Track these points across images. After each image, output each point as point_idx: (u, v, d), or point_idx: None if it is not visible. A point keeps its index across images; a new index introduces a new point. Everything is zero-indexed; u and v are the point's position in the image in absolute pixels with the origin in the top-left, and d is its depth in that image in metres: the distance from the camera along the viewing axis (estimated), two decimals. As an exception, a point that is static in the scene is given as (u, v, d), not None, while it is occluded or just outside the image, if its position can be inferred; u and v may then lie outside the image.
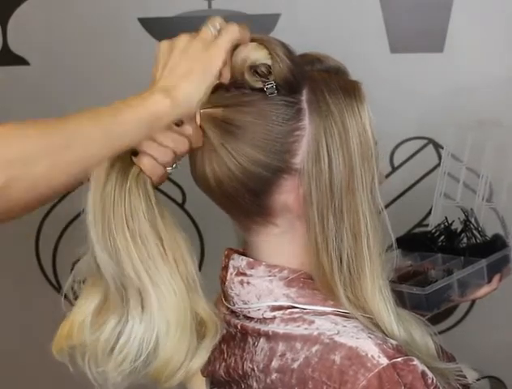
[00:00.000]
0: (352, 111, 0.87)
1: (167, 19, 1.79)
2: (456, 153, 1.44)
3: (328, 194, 0.86)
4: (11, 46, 1.82)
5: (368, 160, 0.87)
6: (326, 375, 0.82)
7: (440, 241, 1.28)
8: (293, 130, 0.86)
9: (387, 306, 0.88)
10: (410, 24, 1.76)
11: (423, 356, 0.87)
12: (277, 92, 0.85)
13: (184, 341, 0.83)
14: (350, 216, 0.86)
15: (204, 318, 0.84)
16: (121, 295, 0.84)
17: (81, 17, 1.80)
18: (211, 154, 0.87)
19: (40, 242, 1.87)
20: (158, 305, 0.82)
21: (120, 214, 0.81)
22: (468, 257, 1.20)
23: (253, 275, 0.91)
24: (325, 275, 0.87)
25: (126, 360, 0.83)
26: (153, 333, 0.82)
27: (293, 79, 0.85)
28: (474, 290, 1.19)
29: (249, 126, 0.85)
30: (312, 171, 0.85)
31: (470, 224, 1.28)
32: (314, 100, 0.86)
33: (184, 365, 0.83)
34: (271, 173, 0.86)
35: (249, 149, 0.86)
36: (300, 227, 0.89)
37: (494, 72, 1.73)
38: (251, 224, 0.91)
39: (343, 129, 0.86)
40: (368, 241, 0.87)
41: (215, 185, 0.88)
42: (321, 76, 0.89)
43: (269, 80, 0.85)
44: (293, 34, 1.73)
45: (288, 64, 0.85)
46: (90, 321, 0.85)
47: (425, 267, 1.20)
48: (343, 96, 0.87)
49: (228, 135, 0.86)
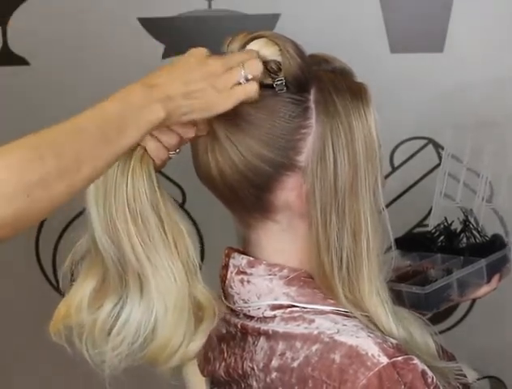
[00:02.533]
0: (359, 113, 0.87)
1: (167, 19, 1.79)
2: (456, 153, 1.44)
3: (332, 194, 0.86)
4: (11, 46, 1.82)
5: (372, 162, 0.87)
6: (326, 374, 0.82)
7: (439, 241, 1.28)
8: (299, 128, 0.86)
9: (385, 308, 0.88)
10: (410, 24, 1.75)
11: (423, 355, 0.87)
12: (286, 89, 0.86)
13: (181, 324, 0.83)
14: (352, 217, 0.87)
15: (202, 302, 0.85)
16: (121, 277, 0.84)
17: (81, 17, 1.80)
18: (215, 144, 0.87)
19: (40, 242, 1.87)
20: (157, 288, 0.83)
21: (122, 195, 0.82)
22: (468, 257, 1.20)
23: (254, 274, 0.91)
24: (325, 275, 0.88)
25: (124, 342, 0.84)
26: (151, 316, 0.83)
27: (302, 77, 0.86)
28: (473, 290, 1.19)
29: (256, 120, 0.86)
30: (316, 170, 0.86)
31: (469, 224, 1.28)
32: (322, 100, 0.87)
33: (181, 347, 0.84)
34: (274, 168, 0.86)
35: (254, 143, 0.86)
36: (299, 225, 0.89)
37: (494, 72, 1.73)
38: (251, 220, 0.91)
39: (349, 130, 0.86)
40: (367, 242, 0.87)
41: (218, 176, 0.88)
42: (328, 77, 0.89)
43: (279, 76, 0.85)
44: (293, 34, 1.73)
45: (298, 62, 0.85)
46: (88, 302, 0.85)
47: (425, 266, 1.20)
48: (350, 98, 0.87)
49: (234, 127, 0.86)
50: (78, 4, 1.80)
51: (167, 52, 1.78)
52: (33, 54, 1.82)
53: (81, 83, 1.81)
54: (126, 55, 1.78)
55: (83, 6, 1.80)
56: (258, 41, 0.86)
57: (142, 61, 1.75)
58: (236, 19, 1.77)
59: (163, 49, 1.78)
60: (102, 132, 0.76)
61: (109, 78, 1.83)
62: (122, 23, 1.79)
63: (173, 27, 1.79)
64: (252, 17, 1.77)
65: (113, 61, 1.79)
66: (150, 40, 1.79)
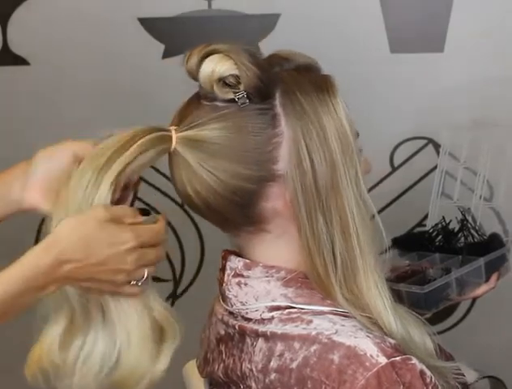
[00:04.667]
0: (327, 107, 0.86)
1: (167, 19, 1.79)
2: (454, 152, 1.44)
3: (314, 195, 0.85)
4: (11, 46, 1.82)
5: (349, 155, 0.86)
6: (325, 375, 0.82)
7: (437, 240, 1.28)
8: (271, 138, 0.85)
9: (384, 300, 0.87)
10: (410, 24, 1.75)
11: (421, 354, 0.87)
12: (249, 101, 0.85)
13: (145, 352, 0.84)
14: (337, 214, 0.86)
15: (162, 323, 0.85)
16: (86, 311, 0.85)
17: (81, 17, 1.80)
18: (190, 175, 0.86)
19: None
20: (118, 316, 0.84)
21: None
22: (466, 256, 1.20)
23: (251, 277, 0.90)
24: (320, 277, 0.87)
25: (90, 372, 0.85)
26: (115, 348, 0.84)
27: (263, 86, 0.85)
28: (472, 289, 1.19)
29: (226, 140, 0.85)
30: (295, 174, 0.85)
31: (467, 223, 1.28)
32: (288, 103, 0.86)
33: (147, 373, 0.84)
34: (256, 183, 0.86)
35: (228, 164, 0.85)
36: (292, 229, 0.88)
37: (494, 72, 1.73)
38: (244, 234, 0.91)
39: (320, 127, 0.85)
40: (357, 236, 0.87)
41: (201, 204, 0.88)
42: (291, 76, 0.88)
43: (239, 90, 0.85)
44: (293, 34, 1.74)
45: (255, 71, 0.84)
46: (58, 344, 0.86)
47: (423, 266, 1.20)
48: (316, 94, 0.86)
49: (205, 154, 0.85)
50: (78, 4, 1.80)
51: (167, 52, 1.78)
52: (33, 54, 1.82)
53: (81, 83, 1.81)
54: (126, 55, 1.78)
55: (83, 6, 1.80)
56: (212, 58, 0.85)
57: (143, 61, 1.75)
58: (236, 19, 1.77)
59: (163, 49, 1.78)
60: None
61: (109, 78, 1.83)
62: (122, 23, 1.79)
63: (173, 27, 1.79)
64: (252, 17, 1.77)
65: (113, 61, 1.79)
66: (150, 40, 1.79)
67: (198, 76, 0.86)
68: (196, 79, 0.87)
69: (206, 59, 0.85)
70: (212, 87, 0.85)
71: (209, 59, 0.85)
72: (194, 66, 0.86)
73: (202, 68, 0.85)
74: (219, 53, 0.85)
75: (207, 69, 0.85)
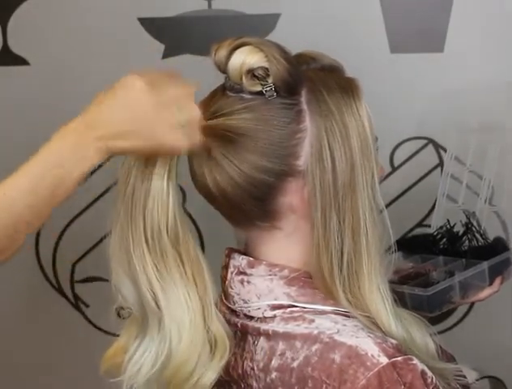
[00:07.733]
0: (351, 109, 0.87)
1: (167, 19, 1.79)
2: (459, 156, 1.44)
3: (331, 193, 0.86)
4: (11, 46, 1.81)
5: (367, 157, 0.87)
6: (326, 374, 0.82)
7: (442, 243, 1.28)
8: (295, 133, 0.86)
9: (385, 304, 0.88)
10: (410, 24, 1.75)
11: (422, 355, 0.87)
12: (276, 95, 0.85)
13: (195, 352, 0.85)
14: (351, 214, 0.87)
15: (216, 338, 0.87)
16: (142, 316, 0.88)
17: (81, 17, 1.80)
18: (211, 165, 0.87)
19: (40, 242, 1.87)
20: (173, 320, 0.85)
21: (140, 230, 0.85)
22: (470, 259, 1.20)
23: (254, 275, 0.91)
24: (324, 277, 0.88)
25: (141, 371, 0.87)
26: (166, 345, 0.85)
27: (291, 80, 0.85)
28: (475, 292, 1.18)
29: (251, 132, 0.85)
30: (316, 171, 0.86)
31: (472, 226, 1.28)
32: (314, 100, 0.86)
33: (193, 376, 0.85)
34: (276, 177, 0.86)
35: (252, 156, 0.86)
36: (304, 228, 0.89)
37: (494, 72, 1.73)
38: (254, 229, 0.91)
39: (344, 127, 0.86)
40: (366, 238, 0.87)
41: (219, 195, 0.88)
42: (317, 75, 0.89)
43: (268, 83, 0.85)
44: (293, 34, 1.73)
45: (285, 65, 0.85)
46: None
47: (427, 268, 1.20)
48: (341, 95, 0.87)
49: (230, 144, 0.86)
50: (78, 4, 1.80)
51: (167, 52, 1.78)
52: (33, 54, 1.82)
53: (81, 83, 1.80)
54: (126, 55, 1.78)
55: (83, 6, 1.80)
56: (243, 49, 0.86)
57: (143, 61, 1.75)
58: (236, 19, 1.77)
59: (163, 49, 1.78)
60: (35, 194, 0.79)
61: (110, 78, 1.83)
62: (122, 23, 1.79)
63: (173, 27, 1.78)
64: (252, 17, 1.77)
65: (113, 61, 1.79)
66: (150, 40, 1.79)
67: (226, 67, 0.87)
68: (224, 72, 0.88)
69: (237, 50, 0.86)
70: (241, 79, 0.86)
71: (239, 51, 0.86)
72: (222, 58, 0.87)
73: (232, 59, 0.86)
74: (250, 45, 0.86)
75: (237, 60, 0.86)
